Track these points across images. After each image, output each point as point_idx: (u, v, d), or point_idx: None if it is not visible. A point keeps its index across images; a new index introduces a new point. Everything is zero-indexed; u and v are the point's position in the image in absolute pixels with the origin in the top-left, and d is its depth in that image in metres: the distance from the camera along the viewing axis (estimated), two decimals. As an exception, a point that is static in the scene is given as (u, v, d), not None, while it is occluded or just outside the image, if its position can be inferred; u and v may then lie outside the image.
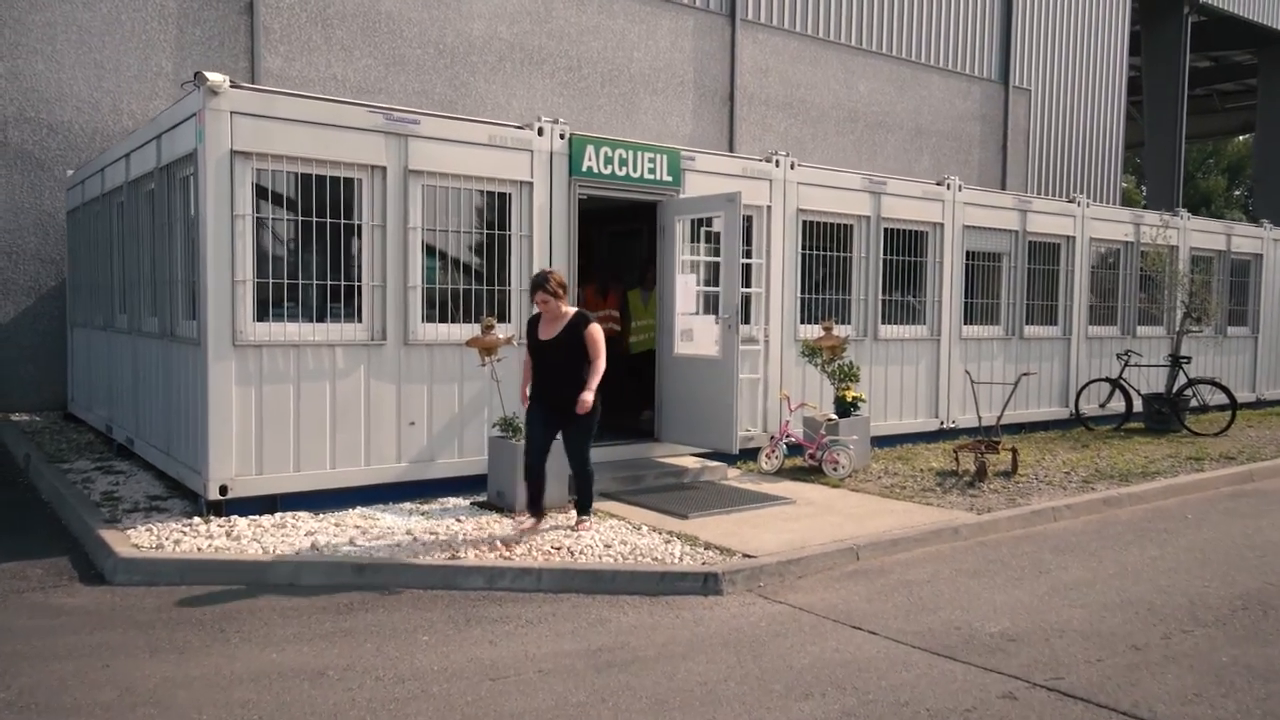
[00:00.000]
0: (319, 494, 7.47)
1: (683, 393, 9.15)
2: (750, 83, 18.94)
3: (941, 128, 21.98)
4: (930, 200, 11.47)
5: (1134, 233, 13.79)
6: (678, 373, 9.28)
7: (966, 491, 8.72)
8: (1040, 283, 12.84)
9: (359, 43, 14.48)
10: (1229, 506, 8.71)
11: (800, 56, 19.56)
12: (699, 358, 9.06)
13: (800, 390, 10.29)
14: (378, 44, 14.65)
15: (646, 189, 9.19)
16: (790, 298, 10.27)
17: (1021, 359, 12.54)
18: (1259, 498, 9.15)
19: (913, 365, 11.41)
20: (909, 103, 21.42)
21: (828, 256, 10.68)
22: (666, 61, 17.68)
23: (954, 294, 11.75)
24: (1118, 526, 7.88)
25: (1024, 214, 12.43)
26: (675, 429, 9.30)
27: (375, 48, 14.63)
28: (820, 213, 10.53)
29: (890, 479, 9.25)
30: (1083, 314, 13.27)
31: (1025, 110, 23.54)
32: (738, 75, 18.67)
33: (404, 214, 7.79)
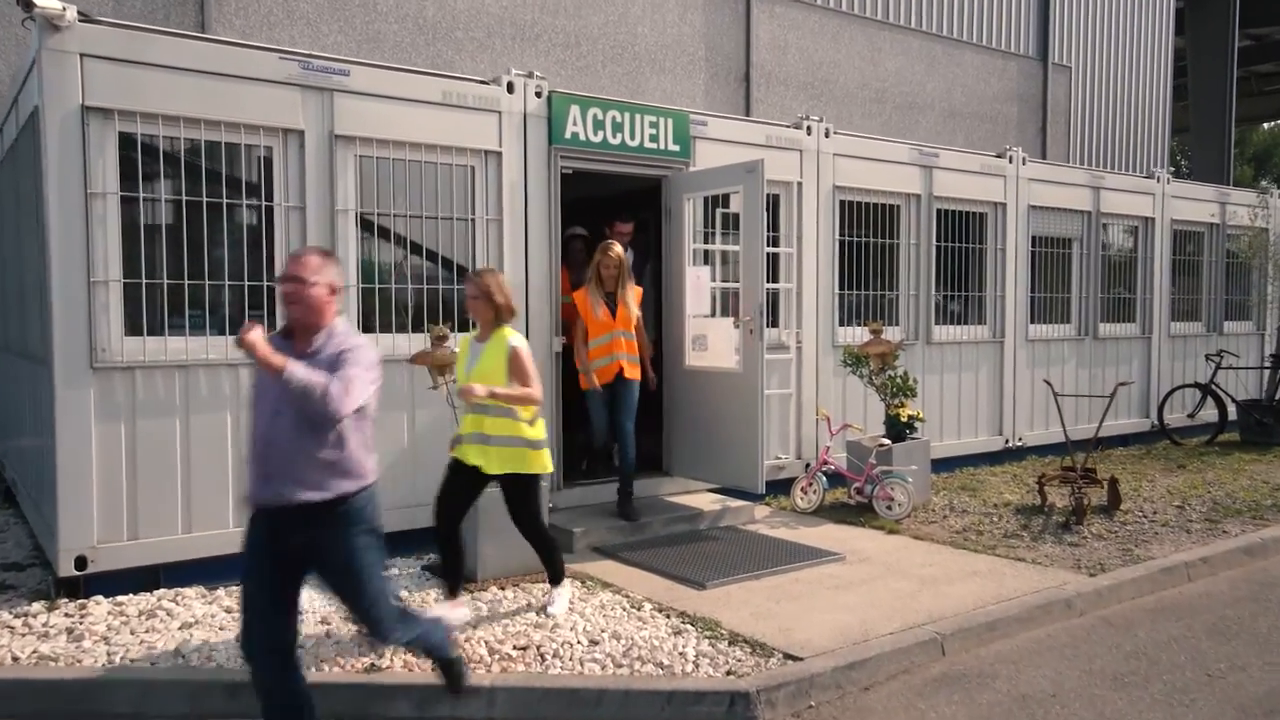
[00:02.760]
0: (221, 562, 5.58)
1: (696, 415, 7.22)
2: (767, 60, 16.99)
3: (976, 109, 19.93)
4: (990, 176, 9.49)
5: (1220, 213, 11.74)
6: (689, 390, 7.34)
7: (1062, 537, 6.74)
8: (1115, 273, 10.83)
9: (326, 17, 12.63)
10: (1401, 551, 6.70)
11: (821, 31, 17.60)
12: (715, 371, 7.12)
13: (841, 407, 8.34)
14: (348, 18, 12.80)
15: (647, 161, 7.27)
16: (827, 294, 8.33)
17: (1096, 362, 10.54)
18: None
19: (972, 373, 9.44)
20: (940, 82, 19.40)
21: (870, 244, 8.73)
22: (675, 37, 15.76)
23: (1019, 287, 9.76)
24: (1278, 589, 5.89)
25: (1097, 192, 10.42)
26: (687, 461, 7.36)
27: (345, 23, 12.78)
28: (861, 190, 8.58)
29: (959, 519, 7.29)
30: (1164, 309, 11.24)
31: (1066, 89, 21.46)
32: (753, 52, 16.73)
33: (330, 192, 5.92)
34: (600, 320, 6.58)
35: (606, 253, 6.57)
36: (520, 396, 4.75)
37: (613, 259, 6.55)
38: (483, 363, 4.87)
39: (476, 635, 4.72)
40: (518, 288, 6.65)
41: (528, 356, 4.88)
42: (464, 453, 4.95)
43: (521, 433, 4.86)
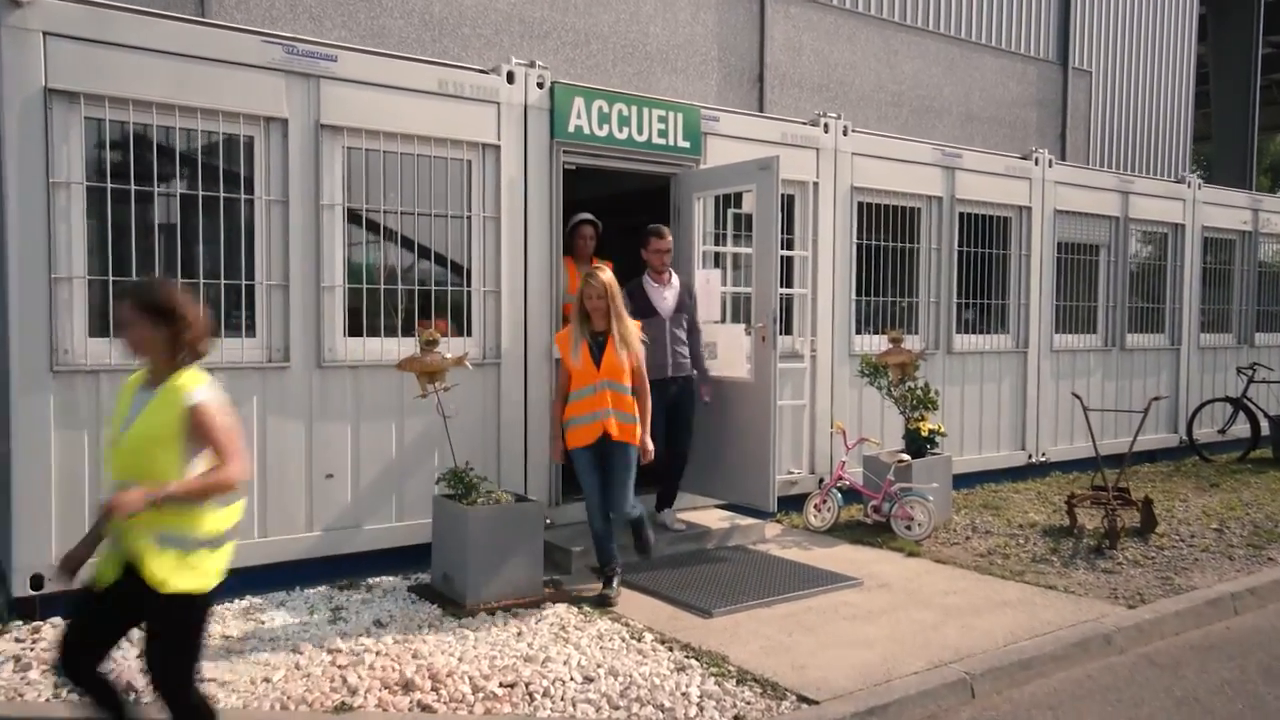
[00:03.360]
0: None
1: (703, 427, 6.78)
2: (782, 61, 16.56)
3: (995, 113, 19.45)
4: (1014, 178, 9.03)
5: (1252, 220, 11.25)
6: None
7: (1095, 563, 6.27)
8: (1143, 281, 10.35)
9: (329, 11, 12.26)
10: None
11: (837, 33, 17.16)
12: (724, 380, 6.69)
13: (857, 419, 7.89)
14: (352, 13, 12.44)
15: (655, 157, 6.85)
16: (844, 300, 7.88)
17: (1123, 374, 10.05)
18: None
19: (994, 384, 8.97)
20: (958, 85, 18.93)
21: (889, 248, 8.28)
22: (687, 37, 15.35)
23: (1044, 294, 9.29)
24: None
25: (1125, 197, 9.95)
26: (693, 476, 6.90)
27: (349, 17, 12.42)
28: (880, 191, 8.13)
29: (983, 540, 6.82)
30: (1194, 319, 10.75)
31: (1086, 94, 20.95)
32: (768, 53, 16.30)
33: (316, 185, 5.51)
34: (580, 369, 5.25)
35: (589, 281, 5.22)
36: None
37: (596, 288, 5.18)
38: None
39: (460, 669, 4.29)
40: (515, 291, 6.23)
41: None
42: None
43: None
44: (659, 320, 6.21)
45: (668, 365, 6.20)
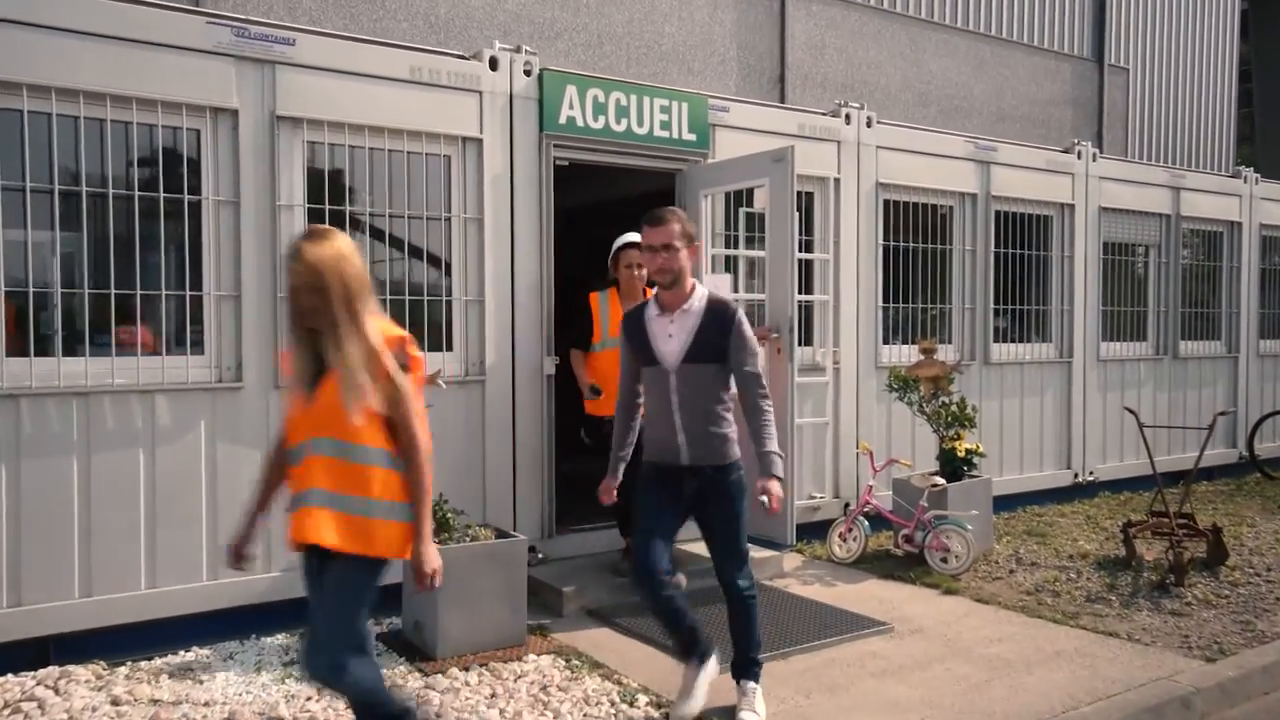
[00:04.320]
0: (131, 630, 4.57)
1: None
2: (804, 61, 15.84)
3: (1027, 112, 18.58)
4: (1055, 173, 8.26)
5: (1314, 217, 10.36)
6: (709, 418, 6.20)
7: (1159, 602, 5.47)
8: (1197, 284, 9.50)
9: (330, 12, 11.74)
10: None
11: (862, 31, 16.43)
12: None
13: (885, 438, 7.15)
14: (354, 15, 11.91)
15: (658, 152, 6.17)
16: (869, 307, 7.15)
17: (1177, 385, 9.20)
18: None
19: (1036, 397, 8.17)
20: (988, 84, 18.10)
21: (918, 250, 7.54)
22: (704, 36, 14.69)
23: (1089, 299, 8.49)
24: None
25: (1176, 193, 9.12)
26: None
27: (351, 19, 11.89)
28: (908, 188, 7.40)
29: (1029, 574, 6.04)
30: (1252, 324, 9.88)
31: (1123, 93, 20.02)
32: (789, 52, 15.59)
33: (272, 184, 4.89)
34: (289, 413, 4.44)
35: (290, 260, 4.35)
36: None
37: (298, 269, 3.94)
38: None
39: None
40: (501, 302, 5.58)
41: None
42: None
43: None
44: (660, 373, 3.81)
45: (679, 448, 3.80)
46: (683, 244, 3.76)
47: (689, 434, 3.76)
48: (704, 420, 3.76)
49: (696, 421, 3.75)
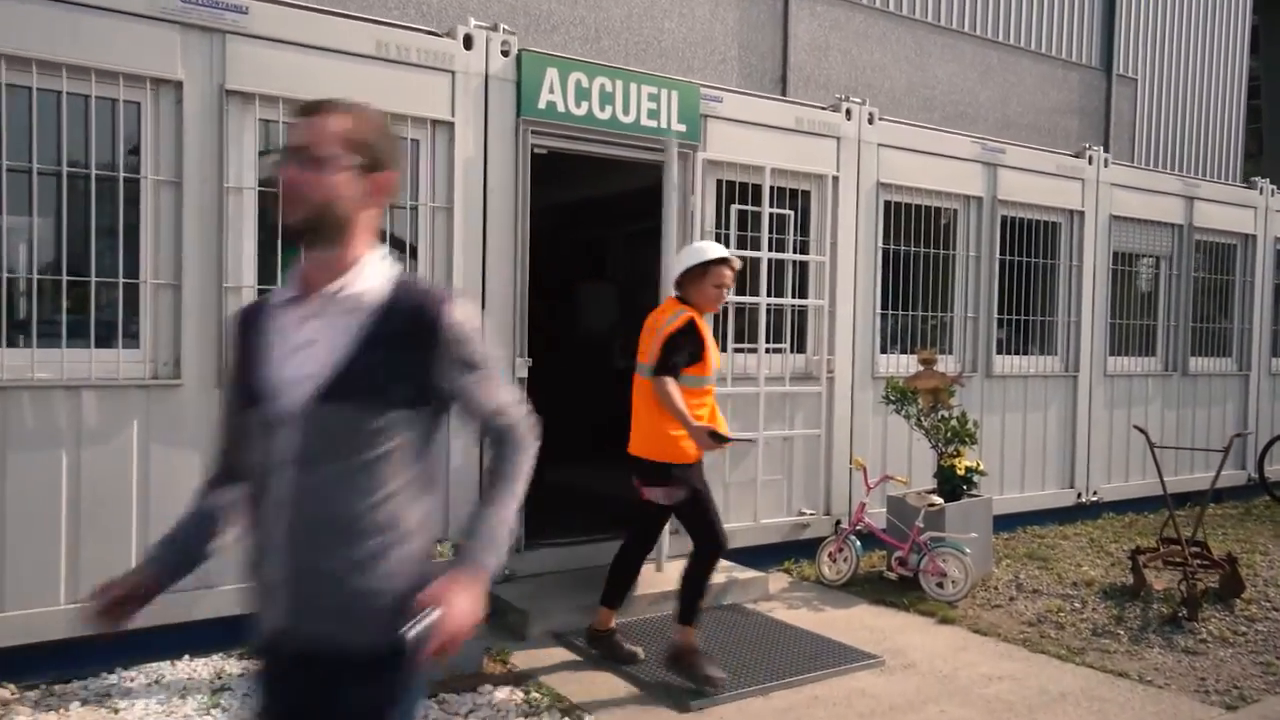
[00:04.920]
0: (48, 649, 4.14)
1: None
2: (806, 62, 15.43)
3: (1033, 120, 18.18)
4: (1065, 178, 7.84)
5: (1330, 231, 9.94)
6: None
7: (1171, 638, 5.05)
8: (1207, 298, 9.08)
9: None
10: None
11: (867, 33, 16.02)
12: (725, 406, 5.56)
13: (880, 453, 6.72)
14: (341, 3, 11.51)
15: (645, 142, 5.75)
16: (866, 314, 6.73)
17: (1185, 402, 8.78)
18: None
19: (1039, 412, 7.75)
20: (994, 91, 17.70)
21: (920, 255, 7.12)
22: (705, 34, 14.28)
23: (1097, 311, 8.07)
24: None
25: (1190, 202, 8.71)
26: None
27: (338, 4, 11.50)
28: (910, 189, 6.98)
29: (1031, 602, 5.62)
30: (1265, 341, 9.46)
31: (1131, 103, 19.61)
32: (791, 53, 15.18)
33: (219, 163, 4.47)
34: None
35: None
36: None
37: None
38: None
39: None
40: (471, 296, 5.15)
41: None
42: None
43: None
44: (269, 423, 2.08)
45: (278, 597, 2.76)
46: (351, 160, 1.80)
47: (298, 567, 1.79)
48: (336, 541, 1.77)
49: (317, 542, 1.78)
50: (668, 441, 4.25)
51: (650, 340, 4.34)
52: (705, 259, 4.38)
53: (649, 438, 4.31)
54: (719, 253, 4.41)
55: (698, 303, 4.39)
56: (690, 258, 4.42)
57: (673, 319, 4.30)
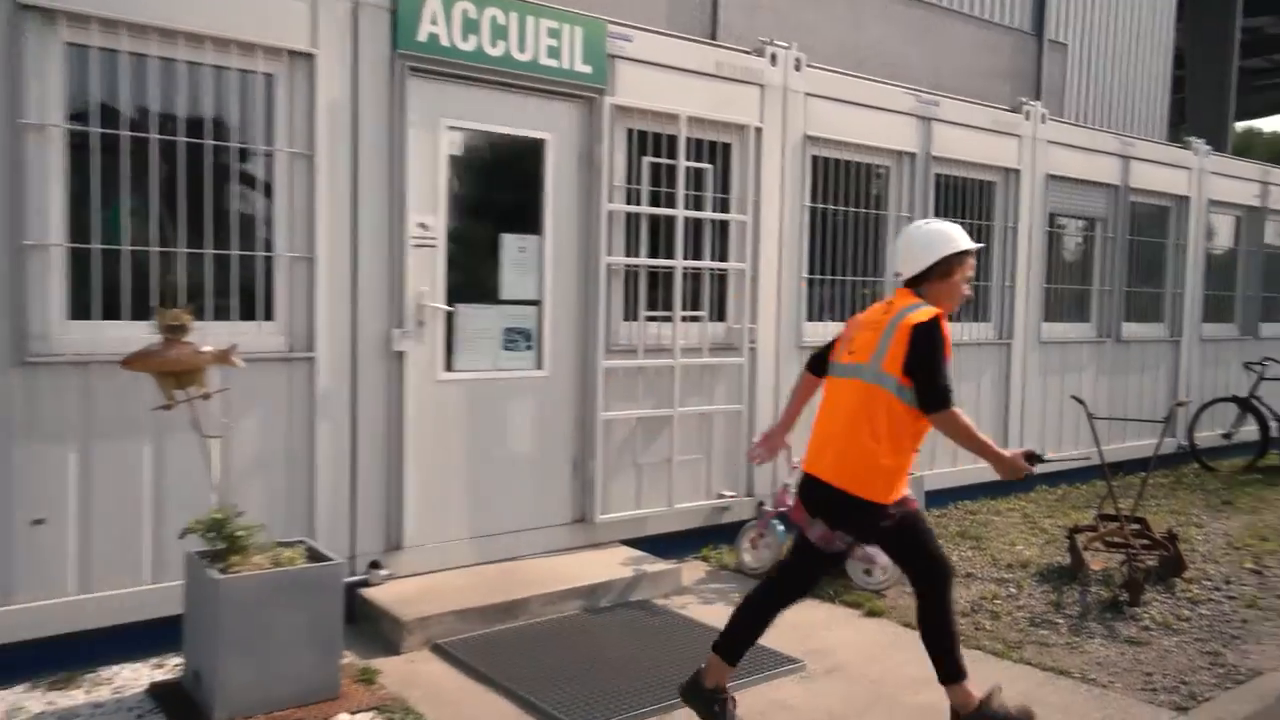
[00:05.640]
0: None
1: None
2: (736, 21, 14.74)
3: (964, 84, 17.72)
4: (1001, 134, 7.36)
5: (1262, 195, 9.69)
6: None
7: (1114, 626, 4.62)
8: (1141, 262, 8.75)
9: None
10: None
11: (799, -9, 15.42)
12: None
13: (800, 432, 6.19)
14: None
15: (545, 84, 5.07)
16: (792, 278, 6.17)
17: (1119, 370, 8.45)
18: None
19: (973, 381, 7.31)
20: (927, 53, 17.23)
21: (851, 215, 6.58)
22: (631, -13, 13.53)
23: (1033, 276, 7.65)
24: None
25: (1126, 162, 8.32)
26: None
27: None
28: (840, 144, 6.42)
29: (964, 589, 5.15)
30: (1196, 307, 9.18)
31: (1061, 69, 19.38)
32: (721, 10, 14.48)
33: (12, 95, 3.67)
34: None
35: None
36: None
37: None
38: None
39: None
40: (338, 258, 4.44)
41: None
42: None
43: None
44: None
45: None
46: None
47: None
48: None
49: None
50: (879, 475, 3.24)
51: (875, 336, 3.27)
52: (961, 247, 3.40)
53: (858, 466, 3.24)
54: (967, 239, 3.47)
55: (940, 301, 3.36)
56: (944, 245, 3.38)
57: (916, 310, 3.24)
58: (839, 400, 3.36)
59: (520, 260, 5.13)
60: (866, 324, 3.39)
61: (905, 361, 3.16)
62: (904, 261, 3.44)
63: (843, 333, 3.52)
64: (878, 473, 3.23)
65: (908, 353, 3.16)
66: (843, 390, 3.35)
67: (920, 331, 3.16)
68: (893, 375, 3.18)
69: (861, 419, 3.23)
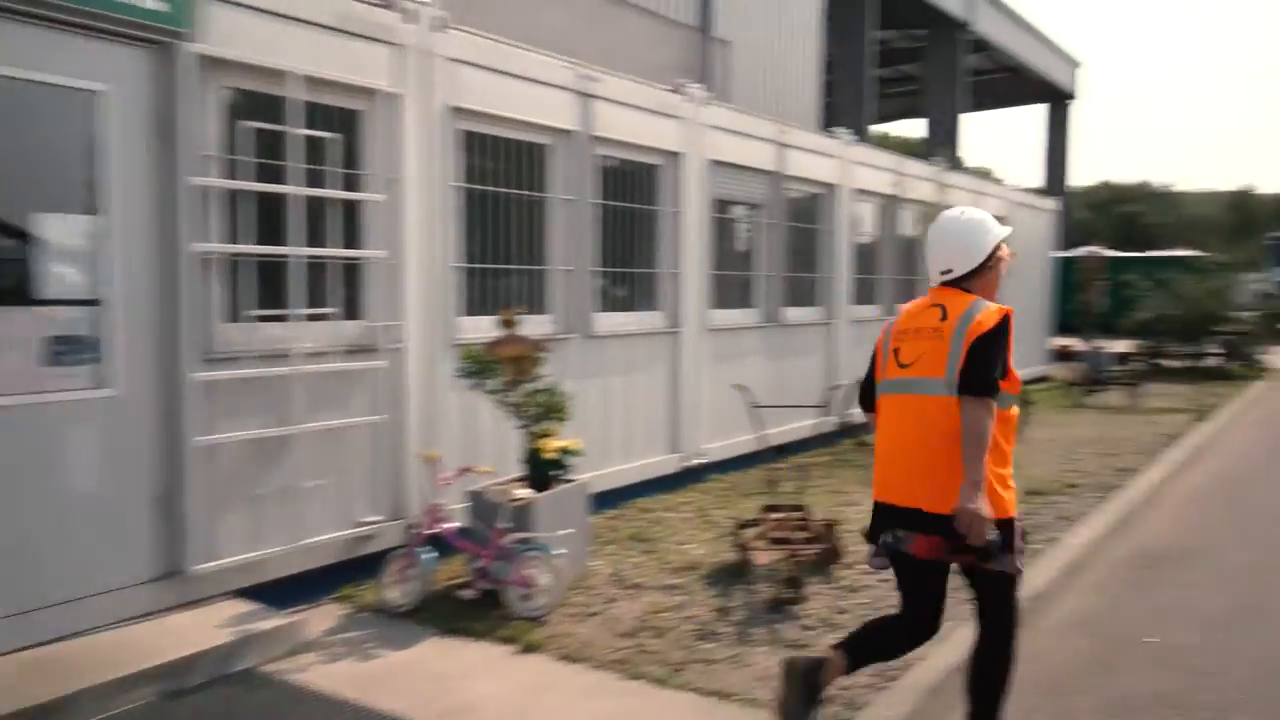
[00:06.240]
0: None
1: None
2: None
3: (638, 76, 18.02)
4: (663, 116, 7.09)
5: (897, 185, 10.38)
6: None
7: (776, 629, 4.38)
8: (799, 248, 8.98)
9: None
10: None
11: (471, -34, 14.58)
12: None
13: (465, 440, 5.49)
14: None
15: (100, 21, 3.89)
16: (439, 268, 5.41)
17: (784, 353, 8.62)
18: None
19: (643, 374, 7.01)
20: (601, 44, 17.09)
21: (507, 197, 5.96)
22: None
23: (700, 262, 7.49)
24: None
25: (783, 149, 8.44)
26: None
27: None
28: (494, 118, 5.75)
29: (632, 603, 4.72)
30: (847, 290, 9.64)
31: (726, 66, 20.25)
32: (387, -23, 13.34)
33: None
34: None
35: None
36: None
37: None
38: None
39: None
40: None
41: None
42: None
43: None
44: None
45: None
46: None
47: None
48: None
49: None
50: (995, 487, 2.96)
51: (940, 345, 3.02)
52: (1003, 233, 3.22)
53: (952, 481, 2.93)
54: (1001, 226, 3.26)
55: (989, 292, 3.17)
56: (991, 234, 3.18)
57: (983, 311, 3.02)
58: (907, 418, 3.06)
59: (68, 248, 3.92)
60: (919, 332, 3.11)
61: (966, 358, 2.95)
62: (950, 258, 3.17)
63: (881, 344, 3.25)
64: (994, 486, 2.95)
65: (971, 349, 2.95)
66: (911, 407, 3.06)
67: (998, 332, 2.97)
68: None
69: (945, 434, 2.94)
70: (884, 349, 3.22)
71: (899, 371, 3.11)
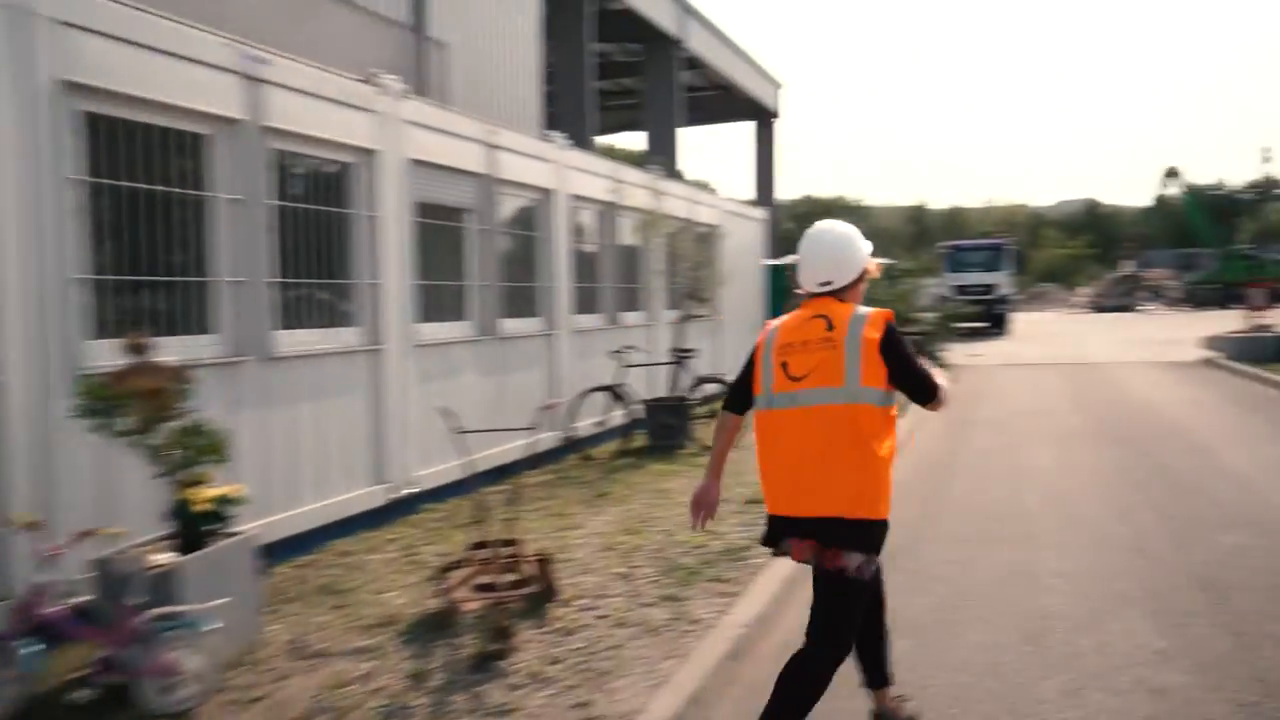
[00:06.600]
0: None
1: None
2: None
3: (351, 72, 16.77)
4: (353, 109, 6.29)
5: (615, 192, 10.18)
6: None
7: (480, 692, 3.79)
8: (516, 256, 8.48)
9: None
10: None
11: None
12: None
13: (93, 497, 4.40)
14: None
15: None
16: (55, 278, 4.31)
17: (503, 368, 8.06)
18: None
19: (339, 398, 6.17)
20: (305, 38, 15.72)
21: (153, 195, 4.92)
22: None
23: (403, 271, 6.75)
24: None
25: (494, 151, 7.90)
26: None
27: None
28: (130, 99, 4.71)
29: (310, 675, 3.94)
30: (567, 299, 9.27)
31: (443, 69, 19.42)
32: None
33: None
34: None
35: None
36: None
37: None
38: None
39: None
40: None
41: None
42: None
43: None
44: None
45: None
46: None
47: None
48: None
49: None
50: (886, 490, 3.07)
51: (834, 355, 3.04)
52: (869, 248, 3.35)
53: (865, 487, 2.99)
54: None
55: (859, 301, 3.30)
56: (863, 245, 3.31)
57: (869, 317, 3.11)
58: (806, 429, 3.04)
59: None
60: (806, 344, 3.10)
61: (890, 371, 3.04)
62: (830, 270, 3.23)
63: (761, 358, 3.20)
64: (885, 487, 3.04)
65: (889, 361, 3.04)
66: (808, 419, 3.04)
67: (892, 337, 3.06)
68: (876, 388, 3.02)
69: (849, 441, 2.98)
70: (764, 362, 3.18)
71: (791, 385, 3.09)
